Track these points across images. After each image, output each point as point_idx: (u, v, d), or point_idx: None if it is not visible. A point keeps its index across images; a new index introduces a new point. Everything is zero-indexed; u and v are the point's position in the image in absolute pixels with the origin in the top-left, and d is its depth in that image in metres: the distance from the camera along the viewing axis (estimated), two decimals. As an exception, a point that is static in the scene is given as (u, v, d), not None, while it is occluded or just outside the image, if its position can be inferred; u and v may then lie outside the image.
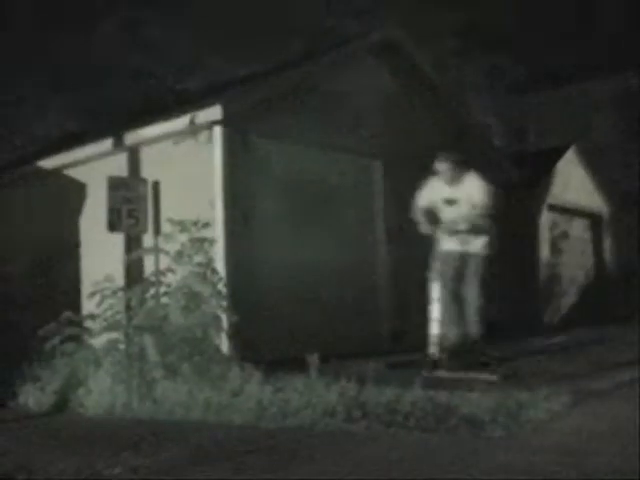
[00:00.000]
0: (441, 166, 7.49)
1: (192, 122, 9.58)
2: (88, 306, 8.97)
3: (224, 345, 8.72)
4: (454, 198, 7.35)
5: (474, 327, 7.10)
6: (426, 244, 12.50)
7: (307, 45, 19.14)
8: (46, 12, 22.73)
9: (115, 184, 9.27)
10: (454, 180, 7.39)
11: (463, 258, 7.25)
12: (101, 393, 7.69)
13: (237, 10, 24.89)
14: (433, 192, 7.60)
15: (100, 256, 10.41)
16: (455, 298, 7.14)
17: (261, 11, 24.97)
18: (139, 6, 23.93)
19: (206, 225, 8.73)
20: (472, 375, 8.40)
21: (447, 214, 7.46)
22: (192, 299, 8.20)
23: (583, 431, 5.90)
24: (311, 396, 6.90)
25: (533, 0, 26.90)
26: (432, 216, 7.64)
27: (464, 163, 7.46)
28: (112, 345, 8.06)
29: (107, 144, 10.77)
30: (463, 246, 7.27)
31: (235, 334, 8.70)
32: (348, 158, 11.31)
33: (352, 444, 5.66)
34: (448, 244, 7.33)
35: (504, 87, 26.09)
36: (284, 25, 24.52)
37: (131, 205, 9.29)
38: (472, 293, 7.16)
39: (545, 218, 16.32)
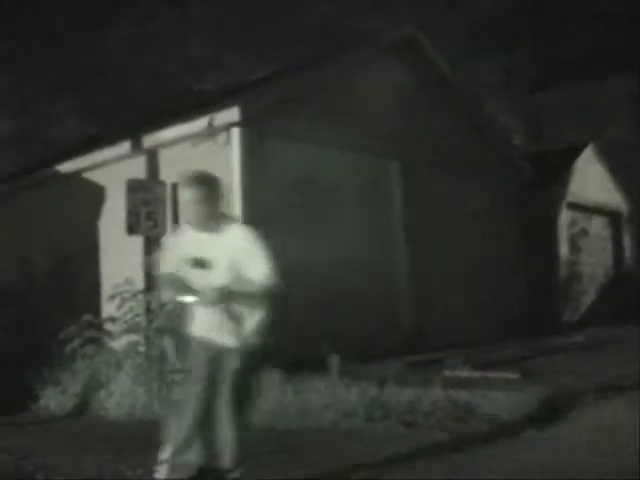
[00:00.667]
0: (186, 194, 4.63)
1: (210, 124, 9.57)
2: (108, 308, 9.00)
3: (243, 346, 8.68)
4: (207, 259, 4.51)
5: (226, 458, 4.39)
6: (448, 244, 12.58)
7: (323, 45, 19.12)
8: (62, 12, 22.81)
9: (134, 187, 9.28)
10: (210, 226, 4.65)
11: (217, 353, 4.42)
12: (122, 395, 7.71)
13: (253, 11, 24.94)
14: (179, 247, 4.69)
15: (119, 258, 10.43)
16: (203, 410, 4.39)
17: (275, 12, 25.02)
18: (156, 7, 24.01)
19: (225, 226, 8.71)
20: (493, 374, 8.37)
21: (199, 279, 4.48)
22: (211, 301, 8.18)
23: (604, 430, 5.89)
24: (332, 397, 6.90)
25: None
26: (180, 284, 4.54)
27: (221, 192, 4.83)
28: (132, 348, 8.09)
29: (125, 147, 10.79)
30: (216, 336, 4.44)
31: (254, 335, 8.67)
32: (365, 158, 11.28)
33: (373, 444, 5.66)
34: (200, 328, 4.53)
35: (520, 85, 26.00)
36: (299, 25, 24.54)
37: (150, 207, 9.31)
38: (225, 410, 4.36)
39: (564, 216, 16.22)
